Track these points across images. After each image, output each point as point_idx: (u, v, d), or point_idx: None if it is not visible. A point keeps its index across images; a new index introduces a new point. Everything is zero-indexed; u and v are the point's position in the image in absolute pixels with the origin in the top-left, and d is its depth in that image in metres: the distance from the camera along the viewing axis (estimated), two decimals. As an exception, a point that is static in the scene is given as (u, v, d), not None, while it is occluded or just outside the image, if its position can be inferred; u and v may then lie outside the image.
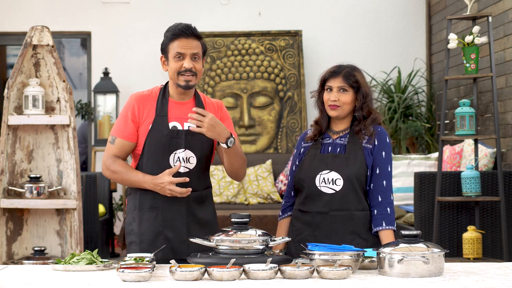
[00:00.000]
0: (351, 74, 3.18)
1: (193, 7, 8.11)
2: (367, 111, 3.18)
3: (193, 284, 2.43)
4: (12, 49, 10.05)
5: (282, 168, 7.45)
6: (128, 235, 3.24)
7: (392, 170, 3.20)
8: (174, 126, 3.17)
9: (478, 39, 5.25)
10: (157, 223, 3.16)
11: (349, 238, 3.09)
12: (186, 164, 3.16)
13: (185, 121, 3.17)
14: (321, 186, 3.14)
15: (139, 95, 3.23)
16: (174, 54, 3.13)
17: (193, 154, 3.17)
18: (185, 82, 3.15)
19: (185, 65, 3.13)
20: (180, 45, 3.13)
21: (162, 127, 3.15)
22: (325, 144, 3.22)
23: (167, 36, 3.18)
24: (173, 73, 3.16)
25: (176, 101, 3.22)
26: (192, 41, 3.14)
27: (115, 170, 3.17)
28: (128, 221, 3.25)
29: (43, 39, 4.46)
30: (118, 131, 3.20)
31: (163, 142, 3.14)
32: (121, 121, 3.21)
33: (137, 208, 3.20)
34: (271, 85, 7.93)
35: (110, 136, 3.22)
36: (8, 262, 4.43)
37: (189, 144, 3.16)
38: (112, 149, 3.20)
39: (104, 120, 7.83)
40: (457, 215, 5.29)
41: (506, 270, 2.73)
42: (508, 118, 5.77)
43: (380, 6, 8.14)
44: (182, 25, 3.16)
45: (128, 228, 3.24)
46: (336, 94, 3.17)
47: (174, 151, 3.15)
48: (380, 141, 3.17)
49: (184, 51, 3.12)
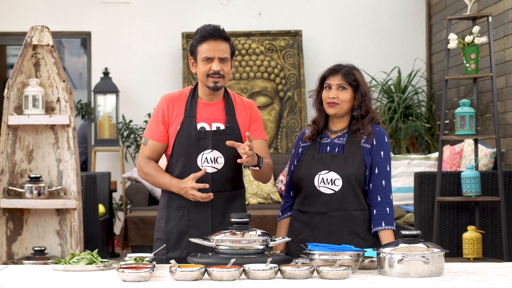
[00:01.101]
0: (350, 72, 3.18)
1: (193, 7, 8.11)
2: (365, 110, 3.18)
3: (193, 284, 2.43)
4: (12, 49, 10.05)
5: (282, 168, 7.45)
6: (156, 232, 3.31)
7: (391, 170, 3.19)
8: (202, 127, 3.20)
9: (478, 39, 5.25)
10: (183, 222, 3.20)
11: (348, 238, 3.09)
12: (214, 165, 3.18)
13: (213, 121, 3.21)
14: (320, 187, 3.14)
15: (169, 96, 3.26)
16: (203, 57, 3.15)
17: (221, 155, 3.19)
18: (213, 84, 3.17)
19: (214, 67, 3.14)
20: (208, 48, 3.14)
21: (190, 128, 3.18)
22: (323, 144, 3.22)
23: (195, 39, 3.19)
24: (202, 75, 3.18)
25: (205, 102, 3.24)
26: (221, 44, 3.16)
27: (147, 172, 3.23)
28: (157, 218, 3.31)
29: (43, 39, 4.46)
30: (150, 133, 3.24)
31: (191, 143, 3.18)
32: (153, 122, 3.25)
33: (165, 206, 3.25)
34: (271, 85, 7.94)
35: (143, 138, 3.28)
36: (8, 262, 4.43)
37: (217, 145, 3.18)
38: (145, 151, 3.26)
39: (104, 120, 7.83)
40: (457, 215, 5.29)
41: (506, 270, 2.72)
42: (508, 118, 5.77)
43: (380, 6, 8.14)
44: (210, 27, 3.17)
45: (156, 225, 3.31)
46: (335, 91, 3.17)
47: (202, 152, 3.17)
48: (378, 140, 3.17)
49: (212, 54, 3.14)
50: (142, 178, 3.29)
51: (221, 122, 3.22)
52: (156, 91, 8.02)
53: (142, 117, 7.95)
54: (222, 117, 3.23)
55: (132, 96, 8.08)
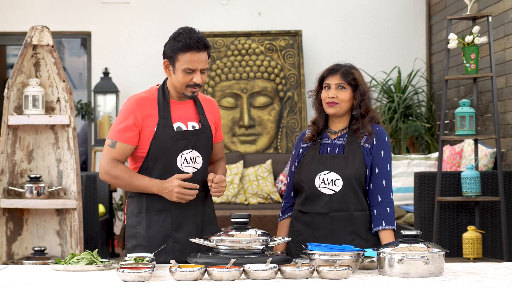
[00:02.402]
0: (349, 72, 3.18)
1: (193, 7, 8.11)
2: (365, 109, 3.18)
3: (193, 284, 2.43)
4: (12, 49, 10.05)
5: (282, 168, 7.45)
6: (131, 239, 3.17)
7: (391, 169, 3.19)
8: (178, 127, 3.15)
9: (478, 39, 5.25)
10: (166, 226, 3.12)
11: (349, 239, 3.09)
12: (193, 164, 3.15)
13: (189, 120, 3.17)
14: (320, 187, 3.14)
15: (139, 97, 3.16)
16: (184, 68, 3.07)
17: (199, 154, 3.16)
18: (191, 93, 3.13)
19: (195, 80, 3.08)
20: (191, 59, 3.06)
21: (167, 128, 3.12)
22: (323, 144, 3.21)
23: (176, 45, 3.07)
24: (181, 84, 3.10)
25: (177, 102, 3.19)
26: (203, 55, 3.08)
27: (117, 175, 3.10)
28: (130, 224, 3.18)
29: (43, 39, 4.46)
30: (119, 135, 3.11)
31: (169, 144, 3.11)
32: (122, 124, 3.11)
33: (143, 211, 3.14)
34: (271, 85, 7.93)
35: (109, 140, 3.12)
36: (8, 262, 4.43)
37: (196, 145, 3.15)
38: (113, 153, 3.11)
39: (104, 120, 7.83)
40: (457, 215, 5.29)
41: (506, 270, 2.72)
42: (508, 118, 5.77)
43: (380, 6, 8.14)
44: (194, 37, 3.07)
45: (131, 231, 3.18)
46: (334, 91, 3.17)
47: (181, 152, 3.13)
48: (378, 140, 3.17)
49: (195, 66, 3.07)
50: (107, 182, 3.15)
51: (195, 121, 3.19)
52: (156, 91, 8.01)
53: (142, 117, 7.94)
54: (195, 115, 3.20)
55: (132, 96, 8.07)
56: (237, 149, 7.79)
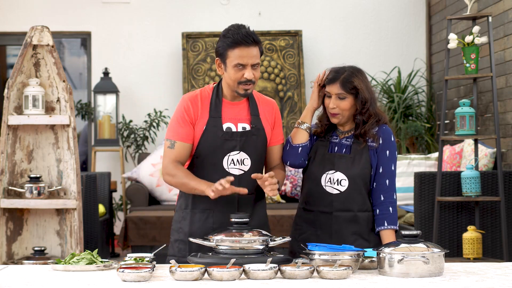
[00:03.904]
0: (349, 80, 3.12)
1: (193, 7, 8.11)
2: (367, 116, 3.14)
3: (193, 284, 2.43)
4: (12, 49, 10.05)
5: (282, 168, 7.44)
6: (174, 232, 3.19)
7: (396, 169, 3.17)
8: (228, 128, 3.11)
9: (478, 39, 5.25)
10: (208, 225, 3.11)
11: (351, 239, 3.08)
12: (240, 166, 3.10)
13: (239, 121, 3.12)
14: (326, 186, 3.14)
15: (192, 95, 3.14)
16: (235, 63, 3.03)
17: (247, 156, 3.11)
18: (244, 91, 3.08)
19: (246, 75, 3.04)
20: (241, 54, 3.02)
21: (216, 128, 3.08)
22: (332, 143, 3.20)
23: (226, 42, 3.05)
24: (233, 81, 3.06)
25: (230, 102, 3.14)
26: (253, 50, 3.04)
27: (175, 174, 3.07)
28: (176, 218, 3.19)
29: (43, 39, 4.46)
30: (176, 134, 3.10)
31: (217, 144, 3.08)
32: (178, 123, 3.11)
33: (189, 207, 3.14)
34: (271, 85, 7.93)
35: (168, 141, 3.11)
36: (8, 262, 4.43)
37: (244, 146, 3.10)
38: (173, 154, 3.10)
39: (104, 120, 7.83)
40: (457, 215, 5.29)
41: (506, 270, 2.72)
42: (508, 118, 5.77)
43: (380, 6, 8.14)
44: (243, 31, 3.05)
45: (176, 225, 3.19)
46: (335, 101, 3.13)
47: (228, 153, 3.09)
48: (384, 139, 3.15)
49: (245, 61, 3.03)
50: (169, 183, 3.11)
51: (246, 122, 3.14)
52: (156, 91, 8.02)
53: (142, 117, 7.95)
54: (247, 116, 3.14)
55: (132, 96, 8.08)
56: (237, 149, 7.79)
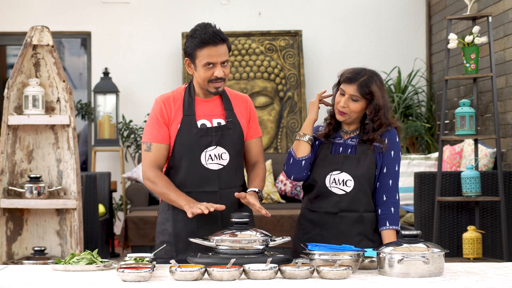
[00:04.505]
0: (367, 85, 3.09)
1: (193, 7, 8.11)
2: (378, 123, 3.12)
3: (193, 284, 2.43)
4: (12, 49, 10.05)
5: (282, 168, 7.44)
6: (159, 235, 3.20)
7: (399, 170, 3.17)
8: (203, 124, 3.14)
9: (478, 39, 5.25)
10: (192, 223, 3.11)
11: (356, 239, 3.08)
12: (219, 161, 3.13)
13: (214, 117, 3.16)
14: (331, 187, 3.13)
15: (165, 97, 3.18)
16: (204, 63, 3.07)
17: (225, 151, 3.14)
18: (215, 89, 3.12)
19: (216, 73, 3.07)
20: (209, 53, 3.06)
21: (191, 126, 3.12)
22: (336, 144, 3.19)
23: (194, 42, 3.08)
24: (204, 80, 3.10)
25: (202, 99, 3.18)
26: (221, 48, 3.08)
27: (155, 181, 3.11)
28: (160, 220, 3.21)
29: (43, 39, 4.46)
30: (152, 136, 3.13)
31: (193, 141, 3.11)
32: (153, 125, 3.14)
33: (171, 208, 3.16)
34: (271, 85, 7.93)
35: (144, 144, 3.14)
36: (8, 262, 4.43)
37: (220, 141, 3.13)
38: (150, 157, 3.13)
39: (104, 120, 7.83)
40: (457, 215, 5.29)
41: (506, 270, 2.72)
42: (508, 118, 5.77)
43: (380, 6, 8.14)
44: (209, 31, 3.07)
45: (160, 227, 3.21)
46: (347, 101, 3.11)
47: (205, 149, 3.12)
48: (389, 139, 3.15)
49: (215, 60, 3.07)
50: (147, 187, 3.16)
51: (221, 117, 3.17)
52: (156, 91, 7.99)
53: (142, 117, 7.95)
54: (221, 112, 3.18)
55: (132, 96, 8.08)
56: (237, 149, 7.79)
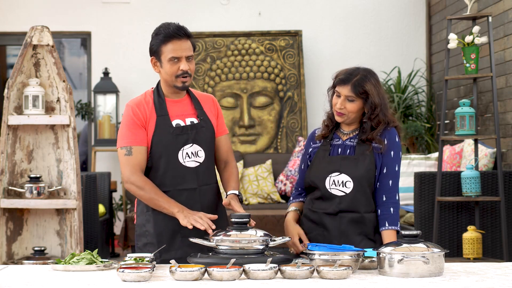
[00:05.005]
0: (361, 84, 3.10)
1: (193, 7, 8.11)
2: (376, 122, 3.13)
3: (193, 284, 2.43)
4: (12, 49, 10.05)
5: (282, 168, 7.44)
6: (141, 237, 3.21)
7: (399, 170, 3.17)
8: (177, 123, 3.18)
9: (478, 39, 5.25)
10: (173, 222, 3.11)
11: (357, 240, 3.08)
12: (195, 158, 3.18)
13: (187, 117, 3.21)
14: (331, 188, 3.13)
15: (136, 101, 3.21)
16: (169, 57, 3.13)
17: (201, 148, 3.19)
18: (182, 84, 3.17)
19: (182, 67, 3.13)
20: (174, 48, 3.12)
21: (166, 126, 3.16)
22: (334, 145, 3.19)
23: (158, 38, 3.15)
24: (170, 76, 3.16)
25: (172, 100, 3.23)
26: (185, 43, 3.14)
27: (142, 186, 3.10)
28: (140, 223, 3.22)
29: (43, 39, 4.46)
30: (131, 140, 3.14)
31: (169, 140, 3.14)
32: (129, 129, 3.15)
33: (150, 209, 3.16)
34: (271, 85, 7.93)
35: (123, 149, 3.14)
36: (8, 262, 4.43)
37: (195, 139, 3.18)
38: (132, 161, 3.13)
39: (104, 120, 7.83)
40: (457, 215, 5.29)
41: (506, 270, 2.73)
42: (508, 118, 5.77)
43: (380, 6, 8.14)
44: (173, 26, 3.15)
45: (140, 230, 3.21)
46: (343, 102, 3.12)
47: (182, 147, 3.16)
48: (389, 140, 3.14)
49: (179, 54, 3.12)
50: (133, 192, 3.13)
51: (193, 116, 3.22)
52: (156, 91, 8.01)
53: (142, 117, 7.94)
54: (193, 111, 3.23)
55: (132, 96, 8.05)
56: (237, 149, 7.80)
